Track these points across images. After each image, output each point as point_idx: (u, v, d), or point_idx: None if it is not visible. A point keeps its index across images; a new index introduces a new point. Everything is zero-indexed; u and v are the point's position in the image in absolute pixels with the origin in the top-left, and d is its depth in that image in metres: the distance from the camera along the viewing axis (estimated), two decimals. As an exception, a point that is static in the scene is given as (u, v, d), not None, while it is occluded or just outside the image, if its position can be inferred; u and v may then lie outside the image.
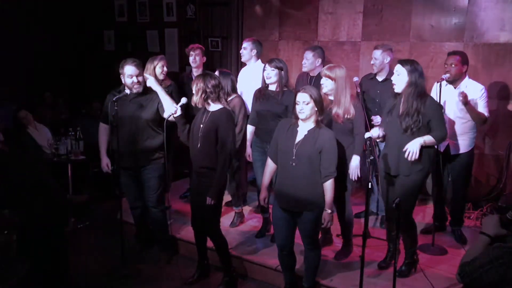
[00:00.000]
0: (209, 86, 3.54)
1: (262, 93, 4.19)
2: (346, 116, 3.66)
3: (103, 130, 4.19)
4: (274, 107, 4.10)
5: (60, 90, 7.37)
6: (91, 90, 7.43)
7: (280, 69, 4.05)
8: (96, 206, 5.55)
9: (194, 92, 3.58)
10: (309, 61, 4.59)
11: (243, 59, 4.95)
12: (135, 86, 3.91)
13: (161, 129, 4.04)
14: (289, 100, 4.03)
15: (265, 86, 4.16)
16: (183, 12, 6.85)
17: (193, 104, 3.64)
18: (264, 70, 4.14)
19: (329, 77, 3.65)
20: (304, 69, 4.66)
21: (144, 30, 7.29)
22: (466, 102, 3.95)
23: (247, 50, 4.86)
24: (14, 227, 2.41)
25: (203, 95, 3.55)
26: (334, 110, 3.66)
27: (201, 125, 3.60)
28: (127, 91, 3.97)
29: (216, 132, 3.53)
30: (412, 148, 3.41)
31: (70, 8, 7.53)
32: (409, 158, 3.42)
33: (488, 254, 2.10)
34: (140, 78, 3.93)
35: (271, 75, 4.06)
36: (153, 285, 3.97)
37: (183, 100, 3.73)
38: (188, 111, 4.22)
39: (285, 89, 4.10)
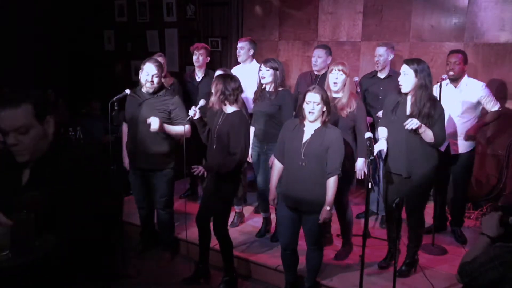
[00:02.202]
0: (229, 88, 3.53)
1: (258, 94, 4.19)
2: (347, 109, 3.70)
3: (125, 129, 4.20)
4: (268, 108, 4.10)
5: (60, 90, 7.35)
6: (91, 90, 7.43)
7: (275, 69, 4.04)
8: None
9: (213, 92, 3.57)
10: (321, 59, 4.55)
11: (240, 60, 4.93)
12: (147, 84, 3.87)
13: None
14: (283, 100, 4.04)
15: (261, 87, 4.16)
16: (183, 12, 6.85)
17: (210, 104, 3.63)
18: (259, 70, 4.14)
19: (344, 72, 3.69)
20: (315, 68, 4.60)
21: (144, 30, 7.29)
22: (477, 131, 4.20)
23: (244, 50, 4.85)
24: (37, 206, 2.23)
25: (221, 97, 3.53)
26: (340, 103, 3.70)
27: (217, 127, 3.61)
28: (127, 91, 3.98)
29: (229, 134, 3.52)
30: (414, 122, 3.34)
31: (70, 8, 7.53)
32: (408, 124, 3.35)
33: (489, 253, 2.10)
34: (155, 79, 3.87)
35: (266, 75, 4.06)
36: (153, 285, 3.97)
37: (202, 102, 3.69)
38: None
39: (280, 89, 4.10)
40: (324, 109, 3.24)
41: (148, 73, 3.85)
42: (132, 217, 4.56)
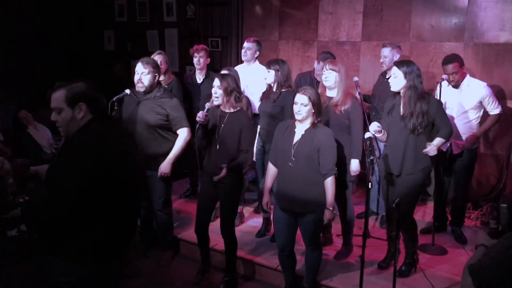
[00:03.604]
0: (238, 86, 3.60)
1: (265, 95, 4.20)
2: (342, 107, 3.70)
3: None
4: (271, 108, 4.10)
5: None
6: (91, 90, 7.43)
7: (276, 70, 4.04)
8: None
9: (222, 93, 3.54)
10: None
11: (245, 59, 4.91)
12: (139, 84, 3.87)
13: (171, 135, 3.97)
14: (286, 101, 4.02)
15: (269, 87, 4.17)
16: (183, 12, 6.85)
17: (222, 105, 3.60)
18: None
19: (334, 70, 3.70)
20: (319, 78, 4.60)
21: (144, 30, 7.29)
22: (476, 140, 4.18)
23: (251, 50, 4.86)
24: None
25: (236, 95, 3.55)
26: (335, 100, 3.70)
27: (220, 127, 3.58)
28: (127, 91, 3.98)
29: (240, 133, 3.52)
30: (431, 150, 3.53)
31: (70, 8, 7.53)
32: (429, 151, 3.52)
33: (503, 244, 2.05)
34: (144, 78, 3.85)
35: (268, 76, 4.07)
36: (153, 285, 3.97)
37: (207, 105, 3.65)
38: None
39: (284, 90, 4.10)
40: (313, 110, 3.23)
41: (137, 72, 3.85)
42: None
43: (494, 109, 4.16)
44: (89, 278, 2.30)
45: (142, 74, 3.84)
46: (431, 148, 3.52)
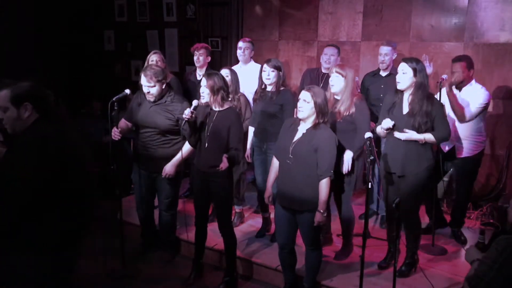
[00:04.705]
0: (226, 84, 3.59)
1: (259, 94, 4.19)
2: (346, 113, 3.67)
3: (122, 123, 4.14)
4: (270, 107, 4.10)
5: (60, 90, 7.33)
6: (91, 90, 7.43)
7: (278, 69, 4.05)
8: (96, 206, 5.53)
9: (209, 90, 3.52)
10: (334, 57, 4.65)
11: (243, 59, 4.95)
12: (148, 95, 3.87)
13: (178, 138, 3.98)
14: (285, 99, 4.05)
15: (261, 86, 4.16)
16: (183, 12, 6.85)
17: (210, 103, 3.59)
18: (262, 71, 4.13)
19: (340, 74, 3.65)
20: (328, 65, 4.64)
21: (144, 30, 7.28)
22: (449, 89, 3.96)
23: (248, 50, 4.91)
24: None
25: (223, 94, 3.54)
26: (337, 107, 3.68)
27: (208, 124, 3.58)
28: (127, 91, 3.98)
29: (228, 131, 3.51)
30: (411, 136, 3.46)
31: (71, 8, 7.53)
32: (402, 138, 3.46)
33: (496, 249, 2.05)
34: (152, 90, 3.81)
35: (271, 76, 4.05)
36: (153, 285, 3.97)
37: (195, 102, 3.60)
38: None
39: (282, 88, 4.11)
40: (315, 109, 3.21)
41: (144, 85, 3.84)
42: (133, 217, 4.56)
43: (472, 109, 3.98)
44: (45, 267, 2.38)
45: (149, 87, 3.83)
46: (407, 134, 3.45)
